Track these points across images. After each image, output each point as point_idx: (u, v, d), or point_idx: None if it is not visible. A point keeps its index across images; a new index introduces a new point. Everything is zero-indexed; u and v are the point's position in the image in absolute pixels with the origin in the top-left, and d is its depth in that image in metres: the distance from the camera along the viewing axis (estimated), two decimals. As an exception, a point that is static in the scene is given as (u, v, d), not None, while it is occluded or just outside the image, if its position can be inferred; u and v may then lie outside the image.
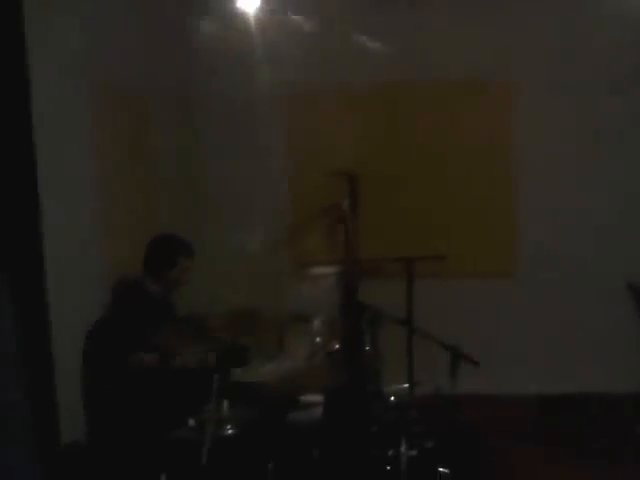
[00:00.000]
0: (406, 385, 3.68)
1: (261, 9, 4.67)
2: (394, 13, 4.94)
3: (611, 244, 4.97)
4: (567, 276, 5.01)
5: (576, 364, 4.91)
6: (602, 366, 4.85)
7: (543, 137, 5.02)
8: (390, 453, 2.98)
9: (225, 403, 2.83)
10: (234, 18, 4.73)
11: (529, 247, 5.06)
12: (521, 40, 4.94)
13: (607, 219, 5.01)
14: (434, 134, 5.11)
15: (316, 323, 3.44)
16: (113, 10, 4.26)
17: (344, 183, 3.51)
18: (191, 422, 2.77)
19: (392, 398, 3.39)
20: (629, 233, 4.96)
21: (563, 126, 5.00)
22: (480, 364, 3.26)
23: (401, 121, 5.11)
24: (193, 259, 3.40)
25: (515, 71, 4.99)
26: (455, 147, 5.10)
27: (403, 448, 2.95)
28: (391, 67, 4.98)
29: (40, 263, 3.32)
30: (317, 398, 3.05)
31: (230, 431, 2.83)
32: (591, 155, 5.01)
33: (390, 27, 4.96)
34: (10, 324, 2.07)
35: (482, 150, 5.10)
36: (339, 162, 4.05)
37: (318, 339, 3.31)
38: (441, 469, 3.16)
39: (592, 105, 4.95)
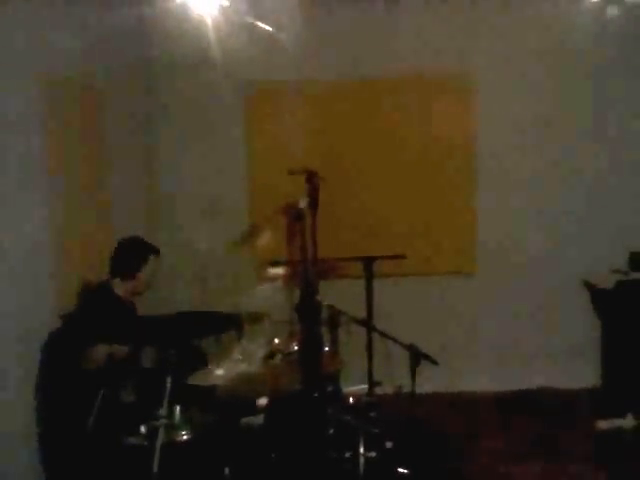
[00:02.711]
0: (365, 385, 3.67)
1: (219, 8, 4.60)
2: (355, 11, 4.92)
3: (567, 243, 5.02)
4: (524, 275, 5.06)
5: (534, 361, 4.96)
6: (559, 363, 4.91)
7: (503, 136, 5.05)
8: (348, 455, 2.94)
9: (177, 408, 2.76)
10: (191, 16, 4.65)
11: (487, 246, 5.08)
12: (484, 38, 4.95)
13: (563, 218, 5.06)
14: (394, 133, 5.10)
15: (273, 324, 3.39)
16: (69, 6, 4.14)
17: (303, 182, 3.47)
18: (142, 428, 2.68)
19: (351, 399, 3.36)
20: (584, 232, 5.02)
21: (526, 123, 5.03)
22: (439, 363, 3.25)
23: (361, 120, 5.09)
24: (159, 262, 3.41)
25: (476, 71, 5.00)
26: (416, 146, 5.10)
27: (362, 449, 2.92)
28: (351, 65, 4.96)
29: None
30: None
31: (184, 436, 2.76)
32: (549, 155, 5.06)
33: (351, 25, 4.93)
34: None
35: (443, 149, 5.10)
36: (298, 161, 4.01)
37: (276, 340, 3.26)
38: (400, 470, 3.14)
39: (552, 104, 5.00)
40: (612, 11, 4.95)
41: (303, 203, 3.13)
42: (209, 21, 4.69)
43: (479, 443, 4.22)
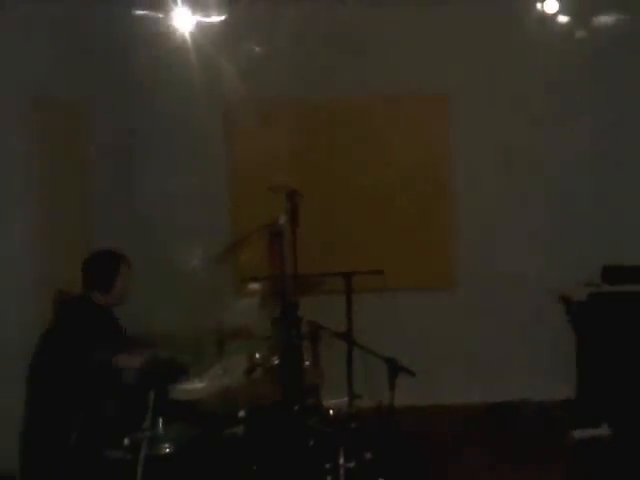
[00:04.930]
0: (346, 398, 3.72)
1: (197, 25, 4.68)
2: (331, 29, 5.02)
3: (542, 258, 5.13)
4: (501, 289, 5.15)
5: (512, 374, 5.04)
6: (536, 375, 4.99)
7: (479, 151, 5.17)
8: (328, 466, 2.99)
9: (161, 421, 2.79)
10: (171, 34, 4.73)
11: (464, 262, 5.18)
12: (458, 58, 5.09)
13: (539, 234, 5.17)
14: (373, 149, 5.20)
15: (255, 339, 3.44)
16: (47, 24, 4.21)
17: (283, 199, 3.54)
18: (126, 441, 2.71)
19: (331, 411, 3.41)
20: (561, 247, 5.13)
21: (499, 141, 5.15)
22: (418, 375, 3.32)
23: (340, 137, 5.18)
24: (131, 268, 3.43)
25: (451, 90, 5.13)
26: (393, 162, 5.20)
27: (341, 460, 2.97)
28: (329, 83, 5.06)
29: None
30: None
31: (167, 449, 2.79)
32: (523, 172, 5.18)
33: (327, 43, 5.03)
34: None
35: (420, 165, 5.21)
36: (278, 178, 4.09)
37: (257, 355, 3.31)
38: (380, 480, 3.19)
39: (527, 120, 5.12)
40: (579, 31, 5.13)
41: (283, 220, 3.21)
42: (189, 39, 4.78)
43: (459, 454, 4.28)
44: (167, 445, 2.80)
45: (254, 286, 3.70)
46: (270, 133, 5.05)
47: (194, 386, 3.15)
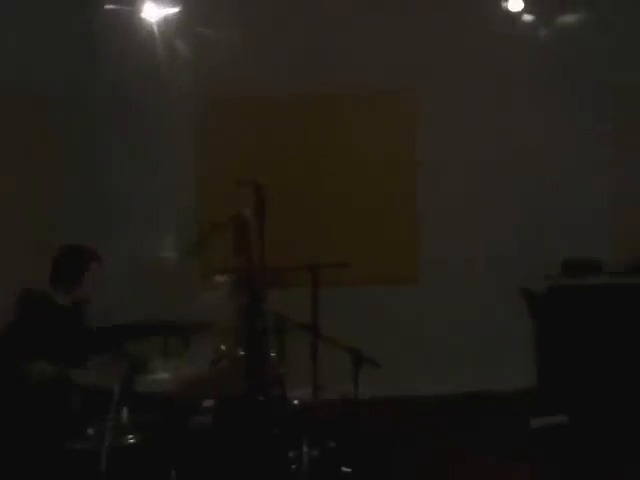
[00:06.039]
0: (310, 389, 3.78)
1: (166, 19, 4.69)
2: (298, 28, 5.07)
3: (505, 252, 5.24)
4: (464, 283, 5.26)
5: (474, 365, 5.15)
6: (498, 366, 5.11)
7: (445, 150, 5.26)
8: (292, 454, 3.05)
9: (125, 411, 2.82)
10: (139, 28, 4.72)
11: (429, 256, 5.27)
12: (428, 57, 5.16)
13: (501, 229, 5.29)
14: (340, 146, 5.26)
15: (220, 330, 3.47)
16: (21, 19, 4.17)
17: (251, 192, 3.57)
18: (90, 431, 2.73)
19: (296, 401, 3.47)
20: (521, 241, 5.25)
21: (464, 140, 5.25)
22: (383, 367, 3.38)
23: (308, 132, 5.23)
24: (103, 265, 3.38)
25: (420, 88, 5.20)
26: (360, 159, 5.26)
27: (305, 448, 3.03)
28: (296, 79, 5.10)
29: None
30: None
31: (131, 439, 2.81)
32: (487, 169, 5.28)
33: (296, 42, 5.07)
34: None
35: (386, 162, 5.29)
36: (247, 173, 4.11)
37: (223, 346, 3.34)
38: (344, 469, 3.26)
39: (493, 118, 5.23)
40: (544, 30, 5.24)
41: (247, 212, 3.25)
42: (158, 31, 4.77)
43: (421, 444, 4.37)
44: (131, 435, 2.83)
45: (220, 278, 3.73)
46: (239, 128, 5.08)
47: (160, 377, 3.18)
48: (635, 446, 4.13)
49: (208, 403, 3.02)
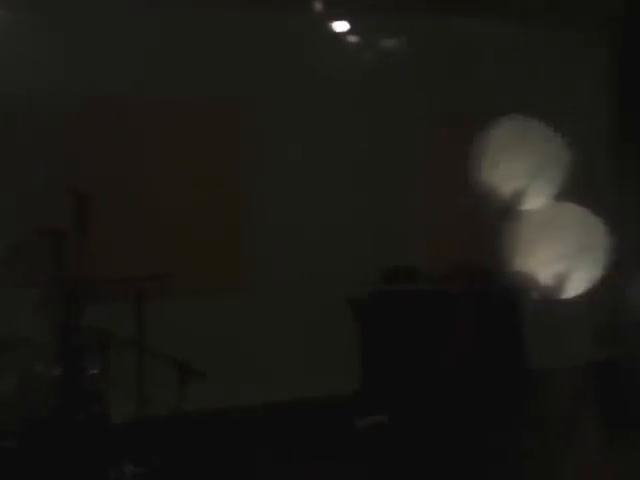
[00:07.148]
0: (135, 404, 3.67)
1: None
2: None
3: (331, 261, 5.40)
4: (292, 291, 5.36)
5: (301, 372, 5.25)
6: (323, 371, 5.25)
7: (277, 157, 5.32)
8: (113, 473, 2.94)
9: None
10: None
11: (256, 265, 5.31)
12: (254, 65, 5.21)
13: (331, 238, 5.44)
14: (166, 149, 5.13)
15: (35, 347, 3.26)
16: None
17: (70, 202, 3.42)
18: None
19: (118, 417, 3.35)
20: (349, 253, 5.46)
21: (296, 147, 5.35)
22: (211, 378, 3.37)
23: (132, 138, 5.05)
24: None
25: (250, 95, 5.22)
26: (186, 163, 5.16)
27: (127, 467, 2.94)
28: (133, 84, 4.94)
29: None
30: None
31: None
32: (320, 175, 5.42)
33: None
34: None
35: (213, 165, 5.21)
36: (68, 180, 3.89)
37: (35, 365, 3.14)
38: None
39: (327, 128, 5.38)
40: (369, 52, 5.53)
41: (64, 223, 3.09)
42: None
43: (252, 456, 4.36)
44: None
45: (38, 293, 3.51)
46: (71, 132, 4.77)
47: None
48: (453, 443, 4.43)
49: (16, 426, 2.82)
